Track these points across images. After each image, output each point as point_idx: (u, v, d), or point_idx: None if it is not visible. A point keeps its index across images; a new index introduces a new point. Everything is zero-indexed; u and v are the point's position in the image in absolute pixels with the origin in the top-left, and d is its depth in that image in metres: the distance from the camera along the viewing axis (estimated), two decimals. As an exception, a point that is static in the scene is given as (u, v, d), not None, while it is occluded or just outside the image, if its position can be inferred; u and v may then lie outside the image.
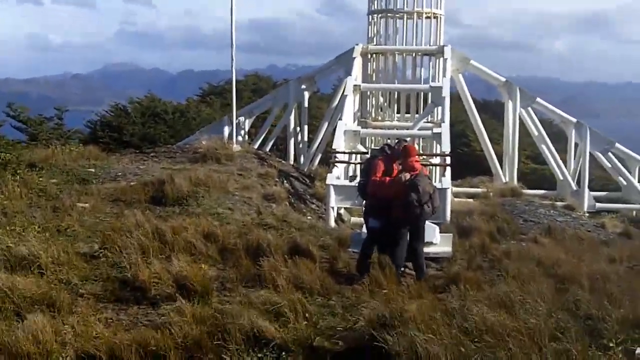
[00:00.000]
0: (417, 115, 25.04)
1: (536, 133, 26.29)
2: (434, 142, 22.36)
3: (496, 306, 9.19)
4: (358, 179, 13.20)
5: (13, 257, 10.88)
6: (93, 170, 19.05)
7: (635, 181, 25.37)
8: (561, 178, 25.97)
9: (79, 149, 22.56)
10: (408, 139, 13.30)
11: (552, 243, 15.25)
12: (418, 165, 11.98)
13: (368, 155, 14.11)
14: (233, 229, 13.96)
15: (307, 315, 9.01)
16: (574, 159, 26.46)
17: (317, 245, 13.19)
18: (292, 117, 26.55)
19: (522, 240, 16.37)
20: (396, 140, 12.63)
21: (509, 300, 9.44)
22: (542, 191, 26.16)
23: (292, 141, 26.82)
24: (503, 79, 26.30)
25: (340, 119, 21.29)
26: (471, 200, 21.48)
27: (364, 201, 12.51)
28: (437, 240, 13.39)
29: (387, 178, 11.73)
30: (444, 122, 20.79)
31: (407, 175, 11.63)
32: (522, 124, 26.32)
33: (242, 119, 26.72)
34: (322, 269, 11.48)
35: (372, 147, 22.21)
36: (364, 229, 12.84)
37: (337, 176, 18.61)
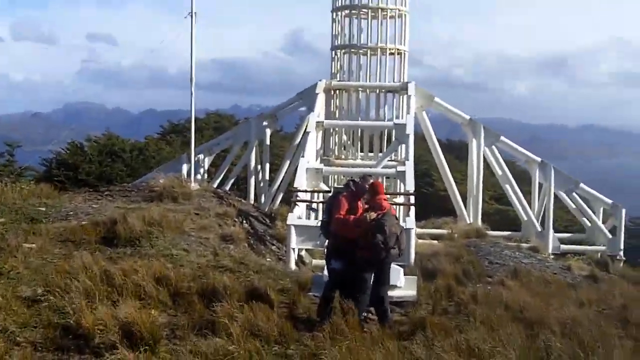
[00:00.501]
0: (380, 154, 24.62)
1: (500, 172, 26.02)
2: (398, 180, 21.93)
3: (465, 355, 8.64)
4: (320, 216, 12.67)
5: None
6: (44, 209, 18.22)
7: (599, 222, 25.16)
8: (525, 219, 25.66)
9: (30, 186, 21.72)
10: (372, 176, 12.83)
11: (518, 286, 14.78)
12: (386, 204, 11.42)
13: (331, 193, 13.53)
14: (187, 272, 13.24)
15: (262, 367, 8.31)
16: (538, 199, 26.21)
17: (276, 289, 12.58)
18: (253, 155, 25.93)
19: (488, 283, 15.94)
20: (361, 177, 12.00)
21: (477, 348, 8.89)
22: (507, 232, 25.81)
23: (252, 180, 26.15)
24: (467, 117, 26.02)
25: (302, 156, 20.74)
26: (435, 241, 21.01)
27: (326, 241, 11.86)
28: (402, 284, 12.85)
29: (352, 217, 11.13)
30: (407, 160, 20.32)
31: (373, 215, 11.05)
32: (486, 163, 26.04)
33: (201, 156, 26.09)
34: (281, 315, 10.84)
35: (335, 185, 21.71)
36: (326, 272, 12.23)
37: (298, 216, 18.00)
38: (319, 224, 11.92)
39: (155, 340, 9.05)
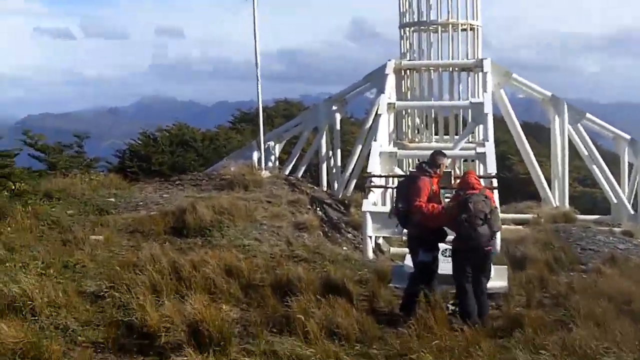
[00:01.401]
0: (456, 136, 23.43)
1: (586, 152, 24.45)
2: (477, 163, 20.76)
3: (574, 357, 7.57)
4: (393, 205, 11.73)
5: (1, 299, 9.46)
6: (113, 199, 17.81)
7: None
8: (615, 201, 24.08)
9: (100, 177, 21.38)
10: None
11: (618, 274, 13.47)
12: (477, 184, 10.43)
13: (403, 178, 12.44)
14: (259, 263, 12.50)
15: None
16: (629, 179, 24.60)
17: (353, 280, 11.68)
18: (323, 141, 24.98)
19: (583, 271, 14.71)
20: (431, 155, 10.90)
21: (589, 349, 7.81)
22: (596, 216, 24.26)
23: (324, 166, 25.22)
24: (549, 94, 24.50)
25: (374, 140, 19.73)
26: (521, 227, 19.70)
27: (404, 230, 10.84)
28: (491, 274, 11.73)
29: (434, 205, 10.16)
30: (487, 140, 19.08)
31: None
32: (570, 144, 24.52)
33: (271, 143, 25.32)
34: (360, 309, 9.93)
35: (410, 169, 20.65)
36: (407, 262, 11.24)
37: (373, 202, 17.07)
38: (395, 213, 10.78)
39: (226, 340, 8.22)
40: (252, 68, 20.98)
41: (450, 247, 12.58)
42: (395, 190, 11.22)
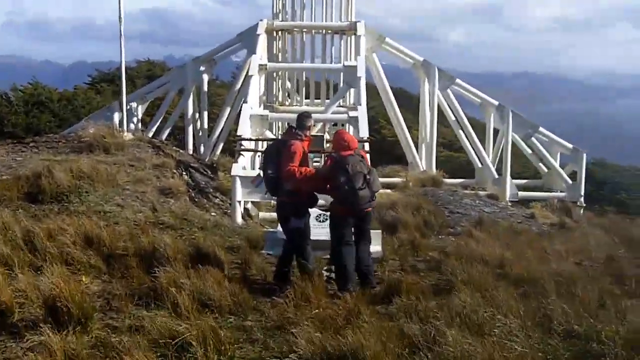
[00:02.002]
0: (327, 100, 23.09)
1: (453, 117, 24.72)
2: (349, 127, 20.52)
3: (464, 325, 7.33)
4: (261, 171, 11.22)
5: None
6: (-41, 162, 16.29)
7: (558, 167, 24.09)
8: (480, 165, 24.53)
9: (-57, 139, 19.69)
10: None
11: (487, 237, 13.58)
12: (353, 143, 10.00)
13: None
14: (122, 230, 11.67)
15: (220, 347, 6.81)
16: (493, 145, 25.13)
17: (224, 248, 11.11)
18: (190, 102, 24.04)
19: (452, 234, 14.82)
20: (297, 117, 10.32)
21: (475, 316, 7.60)
22: (461, 180, 24.67)
23: (190, 129, 24.29)
24: (421, 58, 24.51)
25: (245, 102, 19.06)
26: (389, 190, 19.64)
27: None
28: (371, 237, 11.41)
29: (309, 169, 9.72)
30: (359, 104, 18.80)
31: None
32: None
33: (134, 104, 24.12)
34: (233, 279, 9.34)
35: (281, 133, 20.15)
36: (280, 228, 10.73)
37: (243, 166, 16.46)
38: (263, 180, 10.21)
39: (87, 316, 7.43)
40: (113, 29, 19.70)
41: (324, 211, 12.26)
42: (262, 155, 10.59)
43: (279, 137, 16.12)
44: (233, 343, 7.08)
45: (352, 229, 9.92)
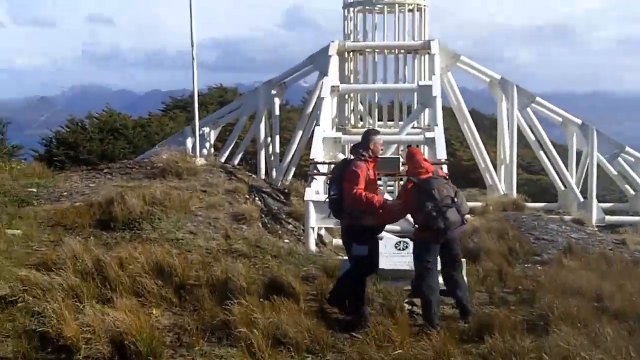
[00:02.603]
0: (401, 122, 22.49)
1: (533, 137, 23.81)
2: (424, 148, 19.89)
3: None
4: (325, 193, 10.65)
5: None
6: (34, 189, 16.21)
7: (648, 189, 22.88)
8: (562, 188, 23.51)
9: (22, 166, 19.79)
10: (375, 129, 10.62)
11: (578, 266, 12.69)
12: (429, 166, 9.34)
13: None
14: (195, 259, 11.24)
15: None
16: (576, 166, 24.07)
17: (299, 277, 10.56)
18: (262, 126, 23.78)
19: (539, 262, 13.96)
20: (363, 134, 9.61)
21: (577, 357, 6.85)
22: (543, 203, 23.68)
23: (262, 153, 24.01)
24: (498, 76, 23.72)
25: (317, 125, 18.61)
26: (468, 216, 18.80)
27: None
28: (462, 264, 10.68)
29: (378, 197, 9.07)
30: (436, 125, 18.15)
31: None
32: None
33: (206, 129, 23.95)
34: (309, 312, 8.78)
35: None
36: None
37: (316, 191, 15.97)
38: (329, 202, 9.42)
39: (156, 354, 6.97)
40: (185, 57, 19.63)
41: (404, 239, 11.62)
42: (331, 177, 9.99)
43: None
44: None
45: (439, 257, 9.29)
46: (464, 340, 8.17)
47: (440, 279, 9.50)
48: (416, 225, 9.32)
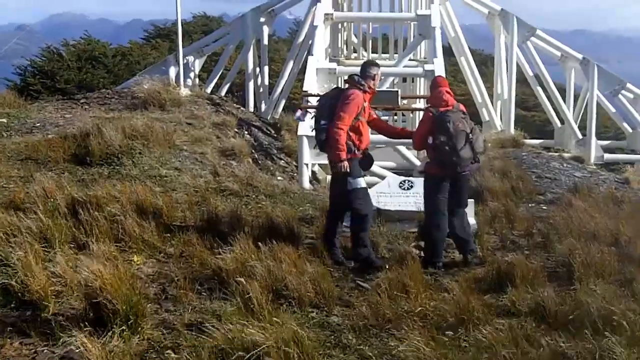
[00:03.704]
0: (396, 56, 21.34)
1: (531, 73, 22.76)
2: (422, 82, 18.88)
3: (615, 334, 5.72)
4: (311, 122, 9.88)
5: None
6: (4, 120, 15.03)
7: (649, 127, 21.96)
8: (559, 125, 22.59)
9: (-10, 94, 18.53)
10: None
11: (588, 207, 11.81)
12: (451, 99, 8.58)
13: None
14: (180, 198, 10.28)
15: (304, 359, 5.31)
16: (574, 102, 23.11)
17: (296, 219, 9.61)
18: (250, 56, 22.40)
19: (542, 202, 13.12)
20: (362, 65, 8.92)
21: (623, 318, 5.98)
22: (539, 140, 22.78)
23: (250, 85, 22.70)
24: (498, 7, 22.45)
25: (311, 54, 17.39)
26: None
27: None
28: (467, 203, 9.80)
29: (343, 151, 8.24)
30: (435, 57, 16.99)
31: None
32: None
33: (190, 58, 22.55)
34: (310, 259, 7.84)
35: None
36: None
37: (310, 125, 14.93)
38: (316, 133, 8.70)
39: (137, 313, 6.00)
40: None
41: (409, 178, 10.86)
42: (319, 106, 9.06)
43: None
44: (319, 350, 5.60)
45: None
46: (483, 291, 7.29)
47: None
48: (427, 160, 8.74)
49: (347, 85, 8.65)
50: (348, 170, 8.20)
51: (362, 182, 8.42)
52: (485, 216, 10.88)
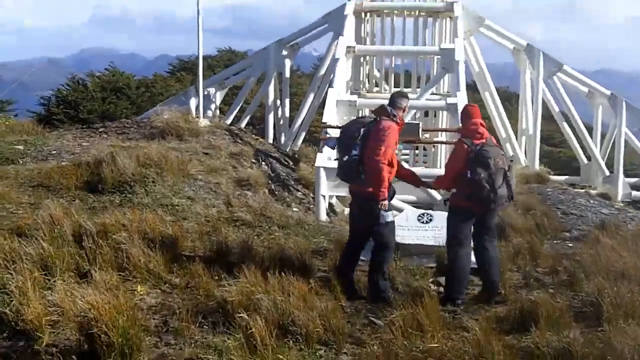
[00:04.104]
0: (418, 90, 21.04)
1: (557, 109, 22.37)
2: (444, 116, 18.51)
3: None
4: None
5: None
6: (21, 147, 14.91)
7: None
8: (585, 162, 22.12)
9: (11, 122, 18.48)
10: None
11: (616, 245, 11.33)
12: (485, 132, 8.12)
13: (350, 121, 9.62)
14: (191, 228, 9.98)
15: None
16: (601, 139, 22.65)
17: (309, 251, 9.25)
18: (271, 88, 22.21)
19: (568, 239, 12.66)
20: (392, 95, 8.58)
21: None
22: (565, 176, 22.30)
23: (271, 117, 22.48)
24: (524, 42, 22.12)
25: (331, 87, 17.13)
26: (491, 188, 17.46)
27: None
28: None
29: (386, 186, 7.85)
30: (459, 90, 16.64)
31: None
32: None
33: (212, 90, 22.44)
34: (320, 293, 7.47)
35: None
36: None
37: (328, 157, 14.63)
38: (345, 164, 8.17)
39: (134, 345, 5.65)
40: (195, 22, 18.08)
41: (427, 211, 10.48)
42: (340, 134, 8.71)
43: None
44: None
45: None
46: (505, 331, 6.84)
47: (472, 257, 8.31)
48: (454, 191, 8.23)
49: (373, 116, 8.30)
50: (387, 208, 7.86)
51: (392, 215, 8.08)
52: (508, 252, 10.46)
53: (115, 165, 12.03)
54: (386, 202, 7.77)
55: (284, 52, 22.38)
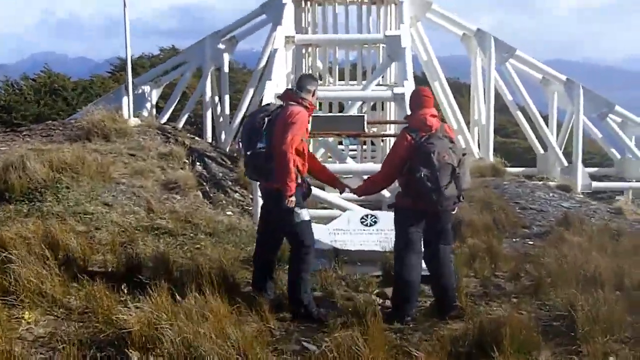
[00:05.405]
0: (364, 81, 20.00)
1: (510, 97, 21.54)
2: (391, 107, 17.51)
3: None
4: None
5: None
6: None
7: (638, 152, 20.74)
8: (542, 152, 21.33)
9: None
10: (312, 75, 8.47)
11: (582, 242, 10.40)
12: (435, 122, 6.97)
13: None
14: (104, 239, 8.72)
15: None
16: (557, 127, 21.91)
17: (238, 261, 8.10)
18: (208, 83, 20.94)
19: (527, 236, 11.77)
20: (299, 77, 7.52)
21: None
22: (521, 168, 21.50)
23: (209, 114, 21.19)
24: (474, 27, 21.23)
25: (269, 79, 15.93)
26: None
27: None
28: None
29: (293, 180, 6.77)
30: (406, 79, 15.56)
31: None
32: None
33: (146, 87, 21.12)
34: (245, 313, 6.30)
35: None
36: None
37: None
38: (250, 159, 7.11)
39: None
40: (143, 25, 16.90)
41: (372, 212, 9.40)
42: (243, 125, 7.59)
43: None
44: None
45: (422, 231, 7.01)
46: (462, 355, 5.75)
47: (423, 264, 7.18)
48: (399, 190, 7.15)
49: (280, 101, 7.21)
50: (294, 205, 6.73)
51: (307, 214, 6.94)
52: (463, 254, 9.45)
53: (24, 170, 10.67)
54: (293, 198, 6.63)
55: (221, 46, 21.16)
